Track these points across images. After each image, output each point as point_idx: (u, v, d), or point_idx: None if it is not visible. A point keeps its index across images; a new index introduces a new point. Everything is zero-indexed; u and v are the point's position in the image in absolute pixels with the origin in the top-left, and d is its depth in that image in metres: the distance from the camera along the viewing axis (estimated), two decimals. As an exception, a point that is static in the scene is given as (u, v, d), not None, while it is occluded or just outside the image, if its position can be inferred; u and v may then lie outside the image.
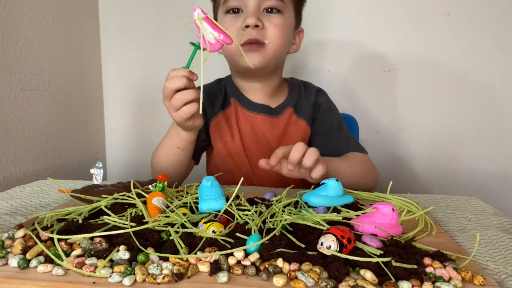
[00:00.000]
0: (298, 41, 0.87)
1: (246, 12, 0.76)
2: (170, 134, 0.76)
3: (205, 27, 0.57)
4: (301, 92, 0.89)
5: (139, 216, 0.49)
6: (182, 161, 0.77)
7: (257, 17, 0.74)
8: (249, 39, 0.74)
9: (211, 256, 0.37)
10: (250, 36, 0.74)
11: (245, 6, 0.76)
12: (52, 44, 1.05)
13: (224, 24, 0.78)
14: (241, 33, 0.75)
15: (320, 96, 0.90)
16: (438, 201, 0.69)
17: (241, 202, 0.55)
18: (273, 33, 0.76)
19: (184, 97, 0.62)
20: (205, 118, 0.86)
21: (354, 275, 0.35)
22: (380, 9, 1.16)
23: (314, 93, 0.89)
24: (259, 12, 0.75)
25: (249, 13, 0.74)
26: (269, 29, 0.75)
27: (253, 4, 0.75)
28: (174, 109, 0.64)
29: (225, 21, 0.78)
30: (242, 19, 0.75)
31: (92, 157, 1.26)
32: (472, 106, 1.17)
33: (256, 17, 0.74)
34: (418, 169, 1.23)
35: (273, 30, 0.76)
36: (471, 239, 0.50)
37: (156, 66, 1.27)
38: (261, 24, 0.74)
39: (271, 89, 0.86)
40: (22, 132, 0.95)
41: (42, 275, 0.35)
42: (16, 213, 0.57)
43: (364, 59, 1.19)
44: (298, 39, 0.87)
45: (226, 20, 0.78)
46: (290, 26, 0.81)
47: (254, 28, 0.74)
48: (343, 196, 0.58)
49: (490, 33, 1.12)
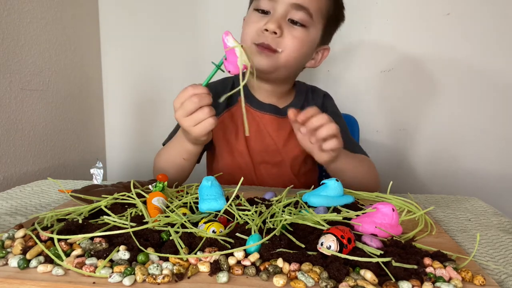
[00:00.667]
0: (320, 58, 0.86)
1: (271, 16, 0.75)
2: (175, 145, 0.76)
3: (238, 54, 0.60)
4: (309, 95, 0.90)
5: (139, 216, 0.49)
6: (187, 169, 0.78)
7: (279, 24, 0.74)
8: (262, 42, 0.74)
9: (211, 256, 0.37)
10: (264, 40, 0.74)
11: (273, 9, 0.75)
12: (52, 44, 1.05)
13: (249, 20, 0.79)
14: (259, 33, 0.75)
15: (327, 100, 0.92)
16: (438, 201, 0.69)
17: (241, 202, 0.55)
18: (289, 44, 0.75)
19: (203, 115, 0.64)
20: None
21: (354, 275, 0.35)
22: (380, 9, 1.16)
23: (321, 97, 0.91)
24: (283, 20, 0.75)
25: (273, 18, 0.74)
26: (287, 39, 0.75)
27: (280, 11, 0.74)
28: (192, 125, 0.65)
29: (251, 17, 0.78)
30: (266, 21, 0.75)
31: (92, 157, 1.26)
32: (472, 106, 1.17)
33: (277, 24, 0.73)
34: (418, 169, 1.23)
35: (290, 41, 0.75)
36: (471, 239, 0.50)
37: (156, 66, 1.27)
38: (280, 32, 0.74)
39: (280, 92, 0.87)
40: (22, 132, 0.95)
41: (42, 275, 0.35)
42: (16, 213, 0.57)
43: (364, 59, 1.19)
44: (320, 56, 0.86)
45: (252, 16, 0.78)
46: (311, 42, 0.80)
47: (272, 34, 0.74)
48: (343, 196, 0.59)
49: (490, 33, 1.12)
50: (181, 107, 0.64)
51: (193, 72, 1.25)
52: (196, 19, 1.23)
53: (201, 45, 1.24)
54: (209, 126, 0.65)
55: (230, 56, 0.61)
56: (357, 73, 1.20)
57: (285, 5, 0.74)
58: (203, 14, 1.22)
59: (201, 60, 1.24)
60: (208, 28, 1.22)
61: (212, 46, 1.23)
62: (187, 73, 1.25)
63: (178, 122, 0.67)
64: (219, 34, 1.23)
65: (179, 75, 1.26)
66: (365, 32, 1.17)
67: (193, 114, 0.64)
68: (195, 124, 0.65)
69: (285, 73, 0.81)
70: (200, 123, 0.64)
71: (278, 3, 0.74)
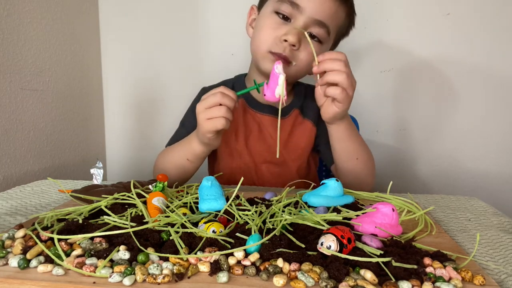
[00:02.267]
0: None
1: (292, 25, 0.74)
2: (182, 144, 0.77)
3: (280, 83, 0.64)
4: (307, 94, 0.89)
5: (139, 216, 0.49)
6: (189, 171, 0.78)
7: (299, 38, 0.73)
8: (280, 53, 0.74)
9: (211, 256, 0.37)
10: (282, 51, 0.73)
11: (295, 18, 0.74)
12: (52, 44, 1.05)
13: (265, 22, 0.77)
14: (276, 42, 0.74)
15: None
16: (438, 201, 0.69)
17: (241, 202, 0.56)
18: (304, 59, 0.75)
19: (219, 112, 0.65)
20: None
21: (354, 275, 0.35)
22: (380, 9, 1.15)
23: None
24: (302, 33, 0.74)
25: (294, 30, 0.72)
26: (303, 53, 0.74)
27: (302, 23, 0.73)
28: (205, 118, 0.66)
29: (269, 19, 0.76)
30: (286, 30, 0.73)
31: (92, 157, 1.26)
32: (472, 105, 1.17)
33: (298, 38, 0.72)
34: (418, 169, 1.23)
35: (305, 56, 0.75)
36: (471, 239, 0.50)
37: (156, 66, 1.27)
38: (298, 46, 0.73)
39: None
40: (22, 132, 0.95)
41: (42, 275, 0.35)
42: (16, 213, 0.57)
43: (364, 59, 1.19)
44: None
45: (270, 19, 0.76)
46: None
47: (290, 46, 0.73)
48: (343, 196, 0.59)
49: (490, 33, 1.12)
50: (205, 100, 0.66)
51: (193, 72, 1.25)
52: (197, 20, 1.22)
53: (201, 45, 1.24)
54: (218, 125, 0.65)
55: (272, 83, 0.64)
56: (357, 73, 1.20)
57: (307, 18, 0.73)
58: (203, 15, 1.22)
59: (201, 60, 1.24)
60: (208, 28, 1.22)
61: (212, 46, 1.23)
62: (187, 73, 1.25)
63: (197, 114, 0.67)
64: (219, 35, 1.24)
65: (179, 75, 1.26)
66: (365, 32, 1.17)
67: (211, 108, 0.65)
68: (208, 118, 0.65)
69: (290, 81, 0.82)
70: (212, 119, 0.65)
71: (301, 14, 0.73)
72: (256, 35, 0.79)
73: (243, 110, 0.86)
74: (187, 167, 0.77)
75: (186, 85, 1.25)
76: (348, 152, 0.76)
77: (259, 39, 0.78)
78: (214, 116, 0.65)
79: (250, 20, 0.84)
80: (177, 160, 0.76)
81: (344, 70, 0.64)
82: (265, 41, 0.76)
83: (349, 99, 0.66)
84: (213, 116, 0.65)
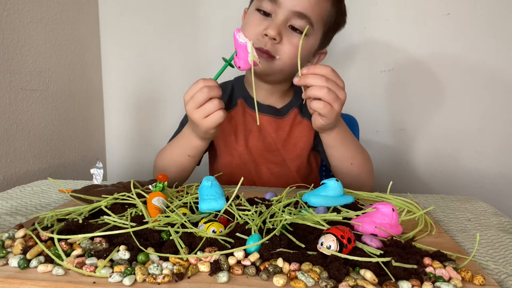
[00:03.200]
0: (317, 61, 0.86)
1: (272, 20, 0.74)
2: (181, 142, 0.76)
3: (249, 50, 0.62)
4: None
5: (139, 216, 0.49)
6: (189, 168, 0.78)
7: (279, 31, 0.73)
8: (261, 47, 0.73)
9: (211, 256, 0.37)
10: (263, 45, 0.73)
11: (275, 14, 0.74)
12: (52, 44, 1.05)
13: (249, 20, 0.78)
14: (258, 37, 0.74)
15: None
16: (438, 201, 0.69)
17: (241, 202, 0.56)
18: (287, 51, 0.74)
19: (213, 107, 0.64)
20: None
21: (354, 275, 0.35)
22: (380, 9, 1.16)
23: None
24: (283, 26, 0.74)
25: (273, 24, 0.73)
26: (285, 46, 0.74)
27: (282, 17, 0.73)
28: (202, 117, 0.65)
29: (251, 17, 0.77)
30: (267, 24, 0.74)
31: (92, 157, 1.26)
32: (472, 105, 1.17)
33: (277, 31, 0.72)
34: (418, 169, 1.23)
35: (288, 49, 0.74)
36: (471, 239, 0.50)
37: (156, 66, 1.27)
38: (279, 39, 0.73)
39: (279, 91, 0.87)
40: (22, 132, 0.95)
41: (42, 275, 0.35)
42: (16, 213, 0.57)
43: (364, 59, 1.19)
44: (317, 59, 0.86)
45: (254, 17, 0.77)
46: (309, 49, 0.80)
47: (271, 40, 0.73)
48: (343, 196, 0.59)
49: (490, 33, 1.12)
50: (192, 99, 0.64)
51: (193, 72, 1.25)
52: (196, 19, 1.22)
53: (201, 45, 1.24)
54: (219, 118, 0.64)
55: (241, 53, 0.63)
56: (357, 73, 1.20)
57: (287, 11, 0.73)
58: (203, 14, 1.22)
59: (201, 60, 1.24)
60: (208, 28, 1.22)
61: (212, 46, 1.23)
62: (187, 73, 1.25)
63: (188, 115, 0.67)
64: (219, 34, 1.24)
65: (179, 75, 1.26)
66: (365, 32, 1.17)
67: (203, 106, 0.64)
68: (205, 116, 0.65)
69: (281, 77, 0.82)
70: (210, 115, 0.64)
71: (280, 8, 0.73)
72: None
73: (242, 110, 0.86)
74: (187, 164, 0.76)
75: (186, 85, 1.23)
76: (342, 157, 0.75)
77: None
78: (211, 112, 0.64)
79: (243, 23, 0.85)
80: (176, 158, 0.76)
81: (325, 85, 0.62)
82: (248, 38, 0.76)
83: (334, 113, 0.64)
84: (209, 113, 0.64)
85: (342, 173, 0.77)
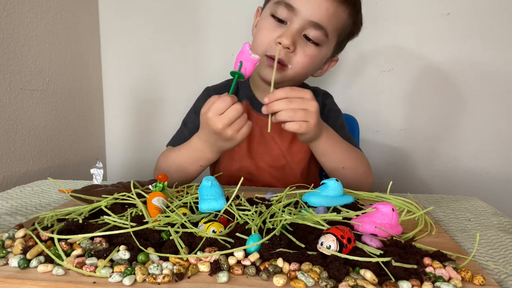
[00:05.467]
0: (326, 67, 0.85)
1: (287, 28, 0.73)
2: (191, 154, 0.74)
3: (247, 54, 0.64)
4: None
5: (139, 216, 0.49)
6: (197, 174, 0.77)
7: (293, 40, 0.72)
8: (273, 55, 0.72)
9: (211, 256, 0.37)
10: (277, 54, 0.72)
11: (290, 22, 0.73)
12: (52, 44, 1.05)
13: (263, 25, 0.76)
14: (271, 45, 0.73)
15: (327, 98, 0.92)
16: (438, 201, 0.69)
17: (241, 202, 0.56)
18: (300, 61, 0.74)
19: (244, 120, 0.64)
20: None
21: (354, 275, 0.35)
22: (380, 9, 1.15)
23: (321, 95, 0.91)
24: (298, 35, 0.72)
25: (288, 33, 0.72)
26: (299, 55, 0.73)
27: (297, 26, 0.72)
28: (236, 132, 0.64)
29: (266, 22, 0.76)
30: (281, 32, 0.72)
31: (92, 157, 1.26)
32: (472, 105, 1.17)
33: (292, 40, 0.71)
34: (418, 169, 1.23)
35: (301, 59, 0.74)
36: (471, 239, 0.50)
37: (156, 66, 1.27)
38: (293, 48, 0.72)
39: None
40: (22, 132, 0.95)
41: (42, 275, 0.35)
42: (16, 213, 0.57)
43: (364, 59, 1.19)
44: (327, 66, 0.85)
45: (267, 23, 0.76)
46: (322, 58, 0.79)
47: (285, 49, 0.72)
48: (343, 196, 0.59)
49: (490, 32, 1.12)
50: (223, 117, 0.63)
51: (193, 72, 1.25)
52: (197, 19, 1.22)
53: (201, 45, 1.24)
54: (248, 131, 0.65)
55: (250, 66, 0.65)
56: (357, 73, 1.20)
57: (303, 20, 0.72)
58: (203, 14, 1.22)
59: (201, 61, 1.24)
60: (208, 28, 1.22)
61: (212, 47, 1.23)
62: (187, 73, 1.25)
63: (220, 134, 0.64)
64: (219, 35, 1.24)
65: (179, 75, 1.26)
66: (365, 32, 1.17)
67: (236, 122, 0.63)
68: (238, 130, 0.64)
69: (291, 84, 0.80)
70: (241, 129, 0.64)
71: (296, 16, 0.72)
72: (255, 37, 0.79)
73: (247, 112, 0.85)
74: (196, 172, 0.75)
75: (186, 85, 1.25)
76: (334, 163, 0.75)
77: (256, 41, 0.78)
78: (241, 126, 0.64)
79: (256, 22, 0.84)
80: (185, 165, 0.75)
81: (290, 107, 0.62)
82: (261, 44, 0.75)
83: (311, 126, 0.64)
84: (240, 127, 0.64)
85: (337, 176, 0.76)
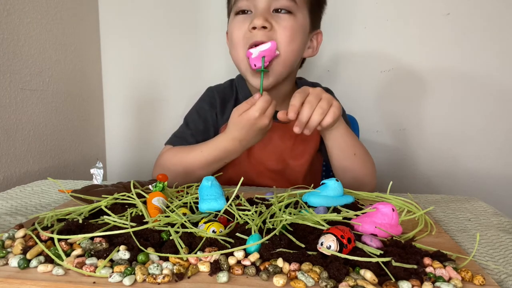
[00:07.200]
0: (316, 44, 0.83)
1: (254, 13, 0.73)
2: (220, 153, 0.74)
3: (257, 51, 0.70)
4: None
5: (139, 216, 0.49)
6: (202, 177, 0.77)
7: (265, 18, 0.70)
8: (255, 41, 0.71)
9: (211, 256, 0.37)
10: (256, 38, 0.71)
11: (254, 7, 0.72)
12: (52, 44, 1.05)
13: (233, 25, 0.76)
14: (248, 36, 0.72)
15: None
16: (438, 201, 0.69)
17: (241, 202, 0.55)
18: (282, 35, 0.72)
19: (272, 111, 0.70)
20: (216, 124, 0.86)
21: (354, 275, 0.35)
22: (380, 9, 1.15)
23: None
24: (267, 13, 0.72)
25: (257, 14, 0.71)
26: (278, 31, 0.72)
27: (262, 5, 0.72)
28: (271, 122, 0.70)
29: (234, 22, 0.76)
30: (250, 20, 0.72)
31: (92, 157, 1.26)
32: (472, 106, 1.17)
33: (263, 18, 0.70)
34: (418, 169, 1.23)
35: (282, 33, 0.72)
36: (471, 239, 0.50)
37: (156, 66, 1.27)
38: (269, 25, 0.71)
39: (282, 94, 0.84)
40: (22, 132, 0.95)
41: (42, 275, 0.35)
42: (16, 213, 0.57)
43: (364, 59, 1.19)
44: (315, 42, 0.83)
45: (235, 21, 0.75)
46: (302, 29, 0.77)
47: (262, 30, 0.71)
48: (343, 196, 0.59)
49: (490, 33, 1.12)
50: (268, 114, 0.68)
51: (193, 72, 1.25)
52: (197, 19, 1.22)
53: (201, 45, 1.24)
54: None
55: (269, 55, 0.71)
56: (357, 73, 1.20)
57: None
58: (203, 14, 1.22)
59: (201, 61, 1.24)
60: (208, 28, 1.22)
61: (212, 46, 1.23)
62: (187, 73, 1.25)
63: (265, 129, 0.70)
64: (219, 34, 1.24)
65: (179, 76, 1.26)
66: (365, 32, 1.17)
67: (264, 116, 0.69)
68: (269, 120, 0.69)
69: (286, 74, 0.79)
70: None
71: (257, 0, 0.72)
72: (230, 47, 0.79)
73: None
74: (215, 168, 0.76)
75: (186, 85, 1.25)
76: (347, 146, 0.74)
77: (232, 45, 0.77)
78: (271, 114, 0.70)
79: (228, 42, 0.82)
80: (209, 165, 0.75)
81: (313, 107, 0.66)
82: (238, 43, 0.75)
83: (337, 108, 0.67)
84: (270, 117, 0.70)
85: (345, 166, 0.76)
